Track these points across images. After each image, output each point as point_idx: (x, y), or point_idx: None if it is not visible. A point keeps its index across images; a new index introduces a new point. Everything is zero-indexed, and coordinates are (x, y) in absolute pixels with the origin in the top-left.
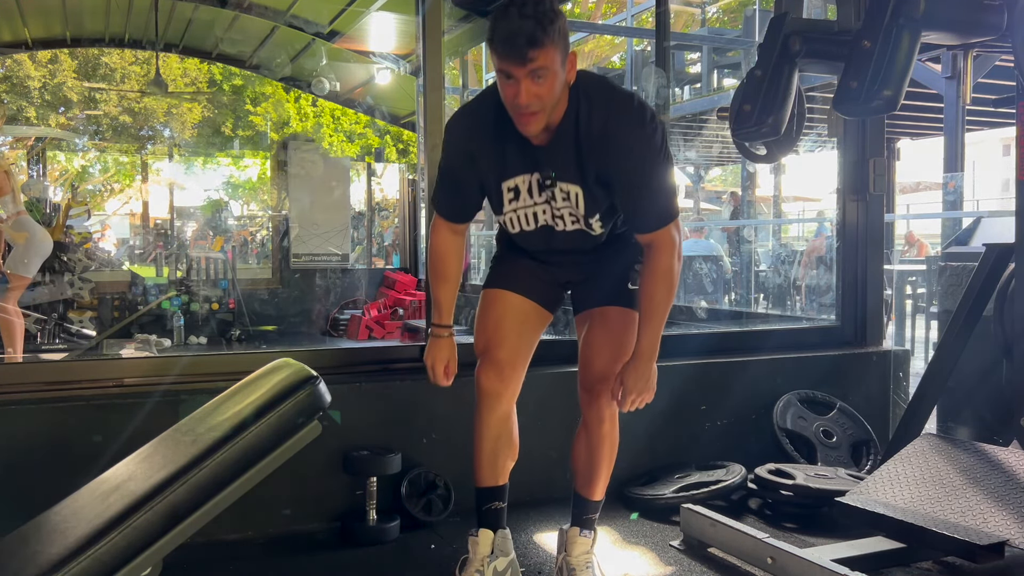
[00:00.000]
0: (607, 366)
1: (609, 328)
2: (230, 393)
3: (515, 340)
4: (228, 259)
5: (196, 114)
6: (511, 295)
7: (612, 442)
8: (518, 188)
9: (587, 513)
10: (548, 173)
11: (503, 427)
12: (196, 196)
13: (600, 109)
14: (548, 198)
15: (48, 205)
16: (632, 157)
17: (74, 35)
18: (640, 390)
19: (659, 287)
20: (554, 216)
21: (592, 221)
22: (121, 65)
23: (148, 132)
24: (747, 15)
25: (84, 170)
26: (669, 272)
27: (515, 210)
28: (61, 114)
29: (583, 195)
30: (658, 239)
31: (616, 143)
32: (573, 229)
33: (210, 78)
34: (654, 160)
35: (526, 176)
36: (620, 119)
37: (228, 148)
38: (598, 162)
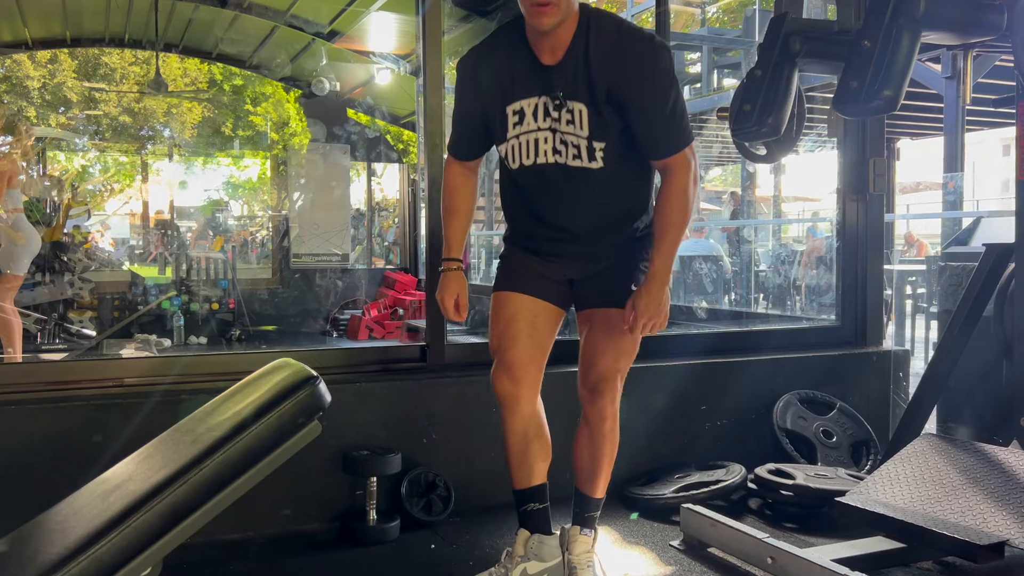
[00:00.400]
0: (610, 366)
1: (612, 330)
2: (230, 393)
3: (526, 341)
4: (228, 259)
5: (196, 114)
6: (520, 296)
7: (613, 440)
8: (523, 111)
9: (588, 511)
10: (557, 92)
11: (528, 427)
12: (196, 196)
13: (609, 31)
14: (552, 124)
15: (48, 205)
16: (644, 76)
17: (74, 35)
18: (652, 314)
19: (674, 207)
20: (556, 147)
21: (596, 149)
22: (121, 65)
23: (148, 132)
24: (747, 15)
25: (84, 170)
26: (684, 193)
27: (517, 136)
28: (61, 114)
29: (588, 115)
30: (674, 162)
31: (628, 62)
32: (575, 166)
33: (210, 78)
34: (666, 81)
35: (532, 99)
36: (630, 39)
37: (228, 148)
38: (609, 79)
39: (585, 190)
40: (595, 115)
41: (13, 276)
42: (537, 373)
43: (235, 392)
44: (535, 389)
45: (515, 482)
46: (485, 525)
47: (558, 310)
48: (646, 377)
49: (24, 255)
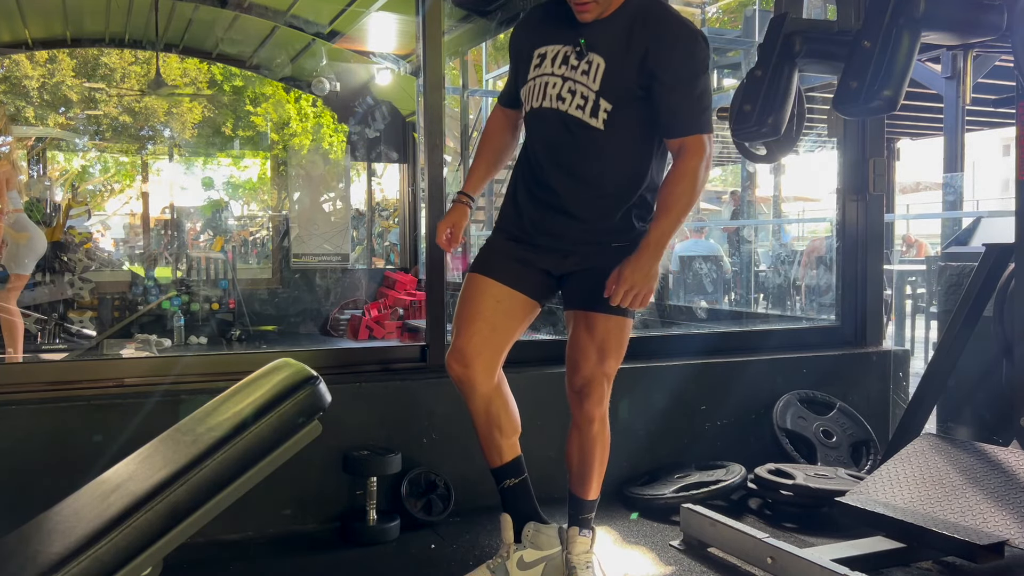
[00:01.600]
0: (593, 369)
1: (594, 334)
2: (230, 393)
3: (481, 324)
4: (228, 259)
5: (196, 114)
6: (486, 280)
7: (604, 442)
8: (545, 55)
9: (582, 513)
10: (580, 40)
11: (489, 407)
12: (196, 196)
13: (655, 12)
14: (567, 72)
15: (48, 205)
16: (680, 56)
17: (74, 35)
18: (636, 283)
19: (681, 184)
20: (561, 93)
21: (601, 107)
22: (121, 65)
23: (148, 132)
24: (747, 15)
25: (84, 170)
26: (695, 173)
27: (535, 78)
28: (61, 114)
29: (604, 69)
30: (689, 143)
31: (668, 40)
32: (574, 115)
33: (210, 78)
34: (699, 67)
35: (557, 47)
36: (671, 23)
37: (228, 148)
38: (646, 49)
39: (582, 149)
40: (611, 71)
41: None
42: (492, 356)
43: (235, 392)
44: (490, 371)
45: (489, 462)
46: (485, 525)
47: (528, 300)
48: (646, 377)
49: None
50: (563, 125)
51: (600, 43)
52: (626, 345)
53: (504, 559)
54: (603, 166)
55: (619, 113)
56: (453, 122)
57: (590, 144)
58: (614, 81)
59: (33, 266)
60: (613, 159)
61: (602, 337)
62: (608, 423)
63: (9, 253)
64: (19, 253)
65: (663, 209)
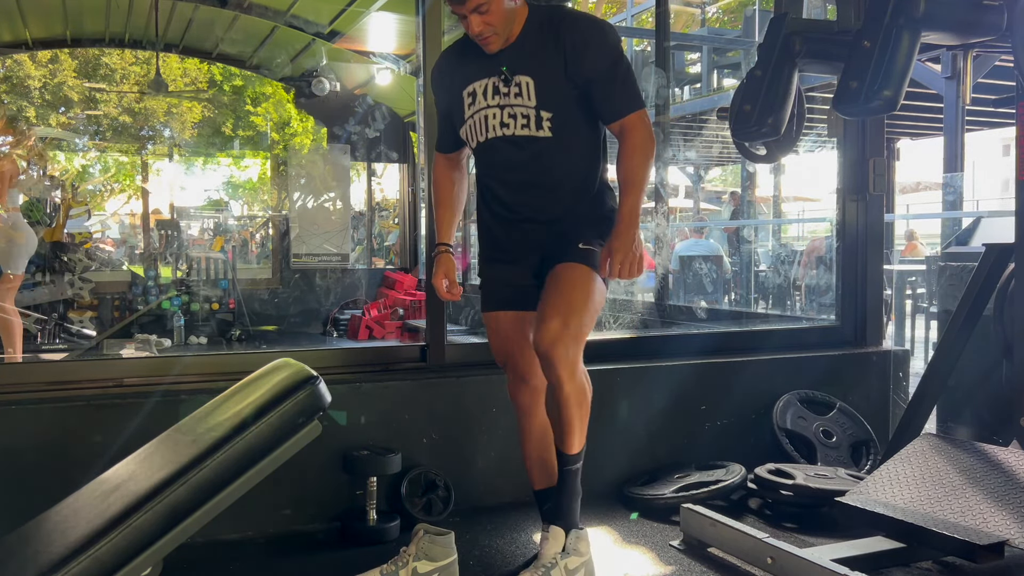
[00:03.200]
0: (557, 331)
1: (558, 287)
2: (230, 393)
3: (528, 352)
4: (228, 259)
5: (196, 114)
6: (504, 315)
7: (579, 398)
8: (475, 92)
9: (566, 465)
10: (502, 68)
11: (545, 432)
12: (196, 196)
13: (557, 18)
14: (501, 100)
15: (48, 205)
16: (592, 51)
17: (74, 35)
18: (624, 252)
19: (634, 159)
20: (503, 120)
21: (543, 118)
22: (121, 65)
23: (148, 132)
24: (747, 15)
25: (84, 170)
26: (644, 144)
27: (472, 116)
28: (61, 114)
29: (535, 85)
30: (627, 122)
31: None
32: (522, 135)
33: (210, 78)
34: (615, 52)
35: (483, 80)
36: (576, 23)
37: (228, 148)
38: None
39: (536, 161)
40: (542, 85)
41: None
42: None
43: (235, 392)
44: (544, 393)
45: (535, 483)
46: (485, 525)
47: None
48: (646, 377)
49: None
50: (513, 146)
51: (520, 64)
52: (594, 302)
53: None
54: (561, 168)
55: (560, 118)
56: None
57: (543, 153)
58: (548, 92)
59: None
60: (568, 159)
61: (567, 287)
62: (579, 378)
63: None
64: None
65: (627, 185)
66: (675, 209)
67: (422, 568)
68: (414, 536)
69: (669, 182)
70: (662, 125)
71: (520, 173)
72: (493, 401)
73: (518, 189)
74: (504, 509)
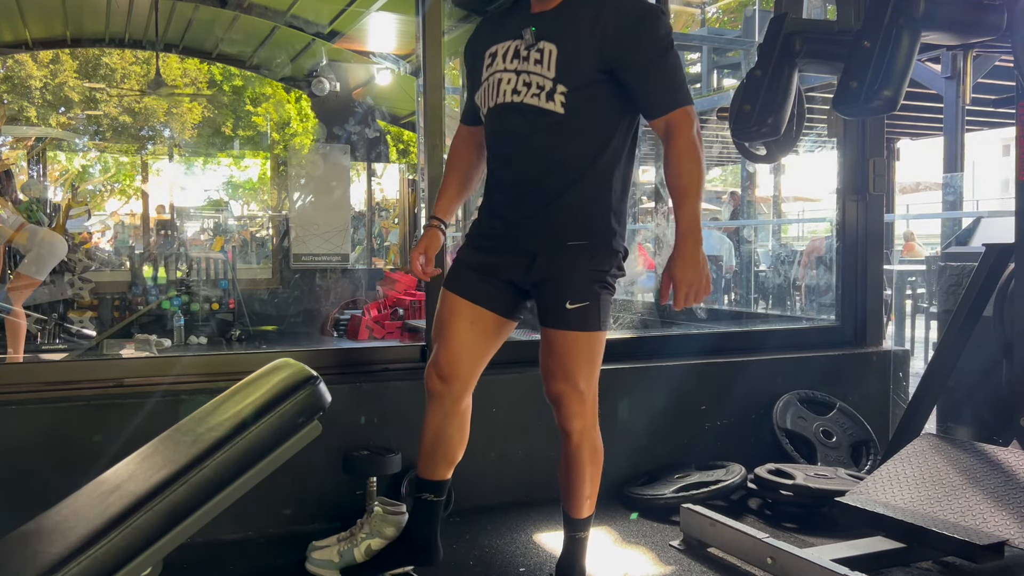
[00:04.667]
0: (561, 388)
1: (554, 352)
2: (230, 393)
3: (457, 345)
4: (228, 259)
5: (196, 114)
6: (463, 302)
7: (590, 460)
8: (496, 52)
9: (572, 531)
10: (529, 29)
11: (442, 427)
12: (196, 196)
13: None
14: (519, 66)
15: (48, 205)
16: (644, 36)
17: (74, 35)
18: (690, 279)
19: (685, 163)
20: (516, 87)
21: (557, 91)
22: (121, 65)
23: (148, 132)
24: (747, 15)
25: (84, 170)
26: (692, 147)
27: (488, 78)
28: (61, 114)
29: (557, 55)
30: (675, 118)
31: (627, 22)
32: (531, 103)
33: (210, 78)
34: (666, 42)
35: (508, 42)
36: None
37: (228, 148)
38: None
39: (541, 136)
40: (566, 57)
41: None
42: (468, 376)
43: (235, 392)
44: (463, 391)
45: (419, 468)
46: (485, 525)
47: (499, 319)
48: (646, 377)
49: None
50: (521, 116)
51: (551, 30)
52: (596, 358)
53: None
54: (565, 148)
55: (577, 96)
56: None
57: (550, 128)
58: (570, 66)
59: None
60: (575, 141)
61: (561, 354)
62: (593, 438)
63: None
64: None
65: (680, 194)
66: None
67: (375, 545)
68: (369, 512)
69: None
70: None
71: (524, 143)
72: (493, 401)
73: (520, 160)
74: (504, 509)
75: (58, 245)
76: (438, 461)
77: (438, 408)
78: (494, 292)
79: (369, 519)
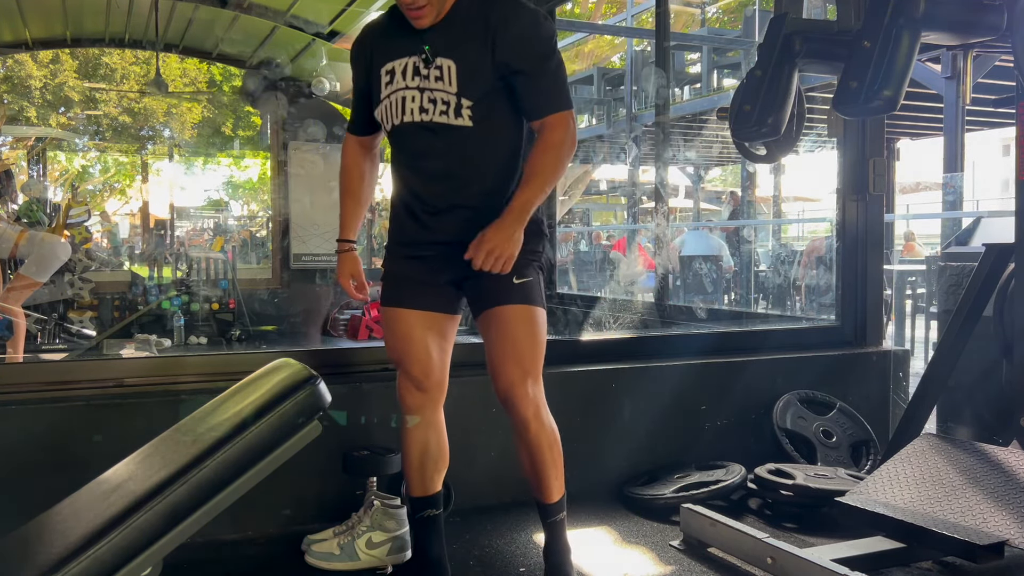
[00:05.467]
0: (514, 373)
1: (508, 335)
2: (230, 393)
3: (424, 354)
4: (228, 259)
5: (196, 114)
6: (410, 312)
7: (549, 440)
8: (394, 70)
9: (550, 516)
10: (423, 48)
11: (427, 439)
12: (196, 196)
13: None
14: (421, 83)
15: (48, 205)
16: (524, 41)
17: (74, 35)
18: (498, 245)
19: (544, 156)
20: (423, 105)
21: (464, 106)
22: (121, 65)
23: (148, 132)
24: (747, 15)
25: (84, 170)
26: (558, 145)
27: (388, 96)
28: (61, 114)
29: (457, 71)
30: (551, 120)
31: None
32: (441, 122)
33: (210, 78)
34: (549, 47)
35: (404, 59)
36: (509, 8)
37: (228, 148)
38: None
39: (455, 150)
40: (465, 71)
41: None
42: (441, 380)
43: (235, 392)
44: (440, 396)
45: (411, 489)
46: (485, 525)
47: (445, 316)
48: (646, 377)
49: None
50: (431, 133)
51: (444, 46)
52: (543, 337)
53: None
54: (480, 160)
55: (482, 107)
56: None
57: (462, 143)
58: (470, 79)
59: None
60: (487, 151)
61: (513, 332)
62: (546, 419)
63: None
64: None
65: (526, 178)
66: (675, 209)
67: (376, 538)
68: (368, 506)
69: (669, 182)
70: (662, 125)
71: (435, 162)
72: (493, 401)
73: (433, 179)
74: (504, 509)
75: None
76: (430, 475)
77: (419, 421)
78: (436, 293)
79: (369, 512)
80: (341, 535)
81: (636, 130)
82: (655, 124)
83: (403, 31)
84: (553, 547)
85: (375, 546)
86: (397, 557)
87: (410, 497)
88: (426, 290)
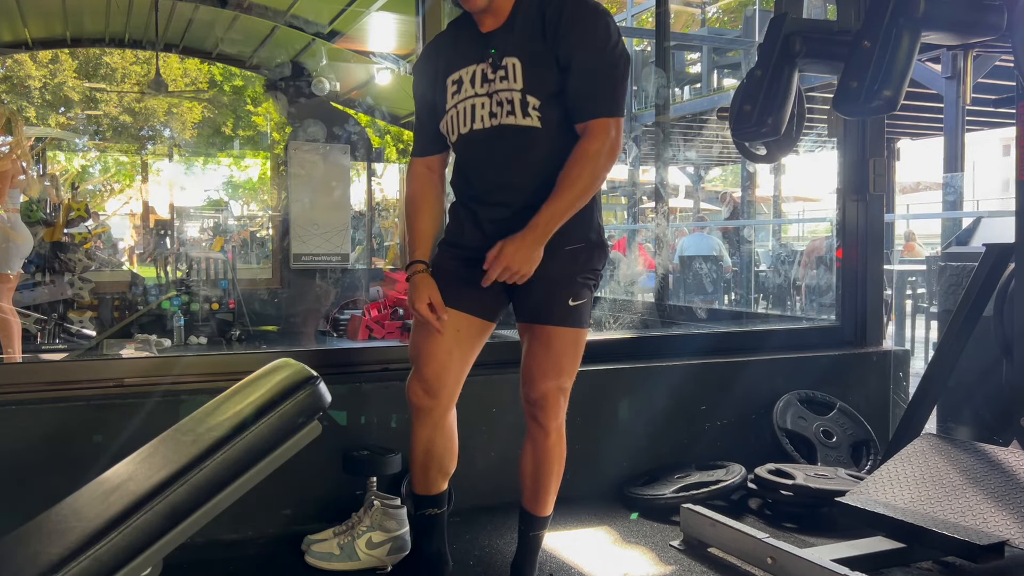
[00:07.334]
0: (550, 386)
1: (550, 349)
2: (230, 393)
3: (444, 356)
4: (228, 259)
5: (196, 114)
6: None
7: (560, 455)
8: (461, 79)
9: (534, 530)
10: (491, 51)
11: (432, 440)
12: (196, 196)
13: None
14: (489, 88)
15: (48, 205)
16: (583, 38)
17: (74, 35)
18: (515, 264)
19: (578, 167)
20: (492, 110)
21: (530, 104)
22: (121, 65)
23: (148, 132)
24: (747, 15)
25: (84, 170)
26: (595, 156)
27: (455, 105)
28: (61, 114)
29: (522, 67)
30: (594, 125)
31: (569, 24)
32: (509, 123)
33: (210, 78)
34: (602, 45)
35: (471, 67)
36: (579, 8)
37: (228, 148)
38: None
39: (522, 152)
40: (529, 67)
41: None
42: (454, 386)
43: (235, 392)
44: (450, 402)
45: (415, 486)
46: (485, 525)
47: (483, 323)
48: (646, 377)
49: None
50: (501, 138)
51: (509, 46)
52: (581, 355)
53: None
54: (549, 159)
55: (550, 107)
56: None
57: (530, 145)
58: (536, 76)
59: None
60: (556, 150)
61: (558, 351)
62: (564, 436)
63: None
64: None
65: (557, 190)
66: (675, 209)
67: (376, 538)
68: (368, 506)
69: (669, 182)
70: (662, 125)
71: (504, 166)
72: (493, 401)
73: (499, 188)
74: (504, 509)
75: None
76: (434, 475)
77: (426, 422)
78: (479, 298)
79: (369, 513)
80: (341, 535)
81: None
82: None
83: (469, 40)
84: (525, 561)
85: (375, 546)
86: (397, 557)
87: (413, 493)
88: (471, 292)
